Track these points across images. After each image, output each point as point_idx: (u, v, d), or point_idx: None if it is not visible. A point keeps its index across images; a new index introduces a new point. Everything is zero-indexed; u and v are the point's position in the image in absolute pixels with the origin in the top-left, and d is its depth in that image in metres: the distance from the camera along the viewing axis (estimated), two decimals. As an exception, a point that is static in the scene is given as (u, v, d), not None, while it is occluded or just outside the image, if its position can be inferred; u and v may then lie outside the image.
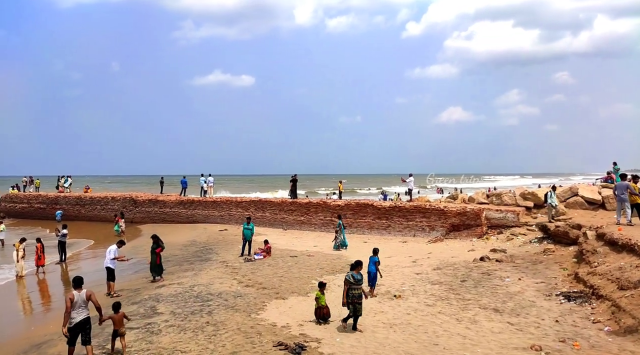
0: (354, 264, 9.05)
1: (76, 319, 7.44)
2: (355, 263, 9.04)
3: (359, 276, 8.84)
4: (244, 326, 8.79)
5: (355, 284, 8.69)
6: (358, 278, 8.79)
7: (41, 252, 16.34)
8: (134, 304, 10.84)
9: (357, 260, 9.18)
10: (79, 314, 7.47)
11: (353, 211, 22.53)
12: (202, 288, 11.93)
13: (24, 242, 16.06)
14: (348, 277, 8.79)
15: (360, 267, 8.99)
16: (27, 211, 35.87)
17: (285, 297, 10.96)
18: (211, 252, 18.11)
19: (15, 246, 16.03)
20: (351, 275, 8.77)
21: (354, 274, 8.80)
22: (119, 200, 32.12)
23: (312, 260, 15.57)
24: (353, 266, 8.99)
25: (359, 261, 9.13)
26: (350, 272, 8.88)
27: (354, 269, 8.91)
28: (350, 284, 8.67)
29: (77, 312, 7.45)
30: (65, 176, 38.81)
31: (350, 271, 8.91)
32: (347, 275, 8.89)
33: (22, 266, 15.76)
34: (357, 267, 8.96)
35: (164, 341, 8.08)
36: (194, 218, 28.30)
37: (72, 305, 7.34)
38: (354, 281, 8.70)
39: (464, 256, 15.83)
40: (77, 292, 7.51)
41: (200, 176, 30.99)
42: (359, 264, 9.05)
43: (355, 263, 9.05)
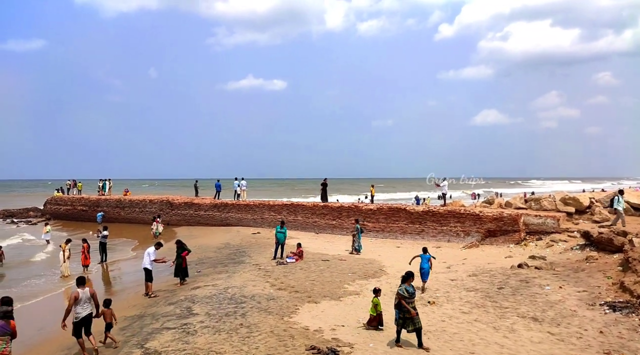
0: (405, 276, 8.37)
1: (82, 314, 8.27)
2: (407, 275, 8.38)
3: (412, 289, 8.21)
4: (277, 329, 8.85)
5: (409, 297, 8.07)
6: (412, 291, 8.17)
7: (87, 252, 17.05)
8: (170, 305, 11.10)
9: (409, 272, 8.50)
10: (84, 310, 8.31)
11: (385, 215, 22.34)
12: (236, 290, 12.10)
13: (69, 243, 16.78)
14: (401, 291, 8.12)
15: (412, 279, 8.36)
16: (70, 213, 37.49)
17: (318, 301, 10.97)
18: (244, 255, 18.36)
19: (61, 247, 16.77)
20: (404, 289, 8.13)
21: (407, 287, 8.16)
22: (156, 203, 33.07)
23: (344, 265, 15.52)
24: (404, 278, 8.32)
25: (410, 273, 8.47)
26: (402, 285, 8.22)
27: (405, 281, 8.26)
28: (404, 298, 8.05)
29: (82, 308, 8.28)
30: (103, 180, 40.37)
31: (402, 284, 8.26)
32: (399, 288, 8.22)
33: (66, 266, 16.46)
34: (409, 279, 8.30)
35: (199, 342, 8.24)
36: (228, 221, 28.78)
37: (77, 301, 8.19)
38: (407, 295, 8.08)
39: (500, 263, 15.39)
40: (82, 290, 8.33)
41: (234, 180, 31.52)
42: (411, 275, 8.39)
43: (406, 275, 8.39)
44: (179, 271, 14.06)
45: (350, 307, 10.49)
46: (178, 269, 14.06)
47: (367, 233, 22.53)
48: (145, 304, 11.74)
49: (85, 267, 16.93)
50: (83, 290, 8.38)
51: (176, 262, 14.02)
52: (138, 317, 10.39)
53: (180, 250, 14.16)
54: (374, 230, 22.50)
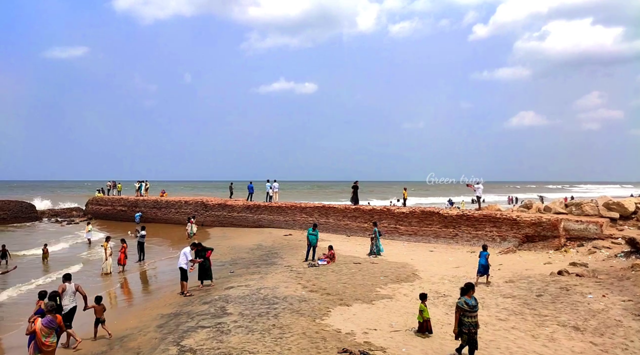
0: (465, 287, 7.74)
1: (69, 306, 9.06)
2: (467, 287, 7.75)
3: (473, 301, 7.60)
4: (309, 331, 8.87)
5: (470, 310, 7.49)
6: (473, 304, 7.57)
7: (126, 252, 17.67)
8: (205, 304, 11.32)
9: (469, 283, 7.88)
10: (70, 303, 9.11)
11: (418, 219, 22.02)
12: (269, 291, 12.21)
13: (110, 241, 17.43)
14: (460, 303, 7.56)
15: (473, 291, 7.74)
16: (110, 213, 38.91)
17: (349, 304, 10.92)
18: (276, 256, 18.51)
19: (103, 246, 17.44)
20: (464, 302, 7.55)
21: (467, 300, 7.57)
22: (191, 204, 33.87)
23: (375, 268, 15.40)
24: (464, 290, 7.71)
25: (470, 284, 7.83)
26: (462, 298, 7.64)
27: (465, 293, 7.65)
28: (464, 311, 7.49)
29: (69, 301, 9.08)
30: (140, 181, 41.69)
31: (462, 296, 7.67)
32: (458, 301, 7.65)
33: (109, 264, 17.08)
34: (470, 291, 7.68)
35: (233, 341, 8.36)
36: (260, 222, 29.13)
37: (63, 294, 8.98)
38: (468, 308, 7.50)
39: (539, 269, 14.88)
40: (68, 284, 9.21)
41: (266, 182, 31.88)
42: (471, 287, 7.77)
43: (466, 286, 7.76)
44: (202, 274, 13.99)
45: (382, 310, 10.39)
46: (202, 271, 13.96)
47: (399, 236, 22.30)
48: (180, 303, 12.02)
49: (122, 266, 17.50)
50: (69, 284, 9.29)
51: (205, 264, 13.93)
52: (174, 315, 10.65)
53: (203, 252, 14.07)
54: (406, 233, 22.23)
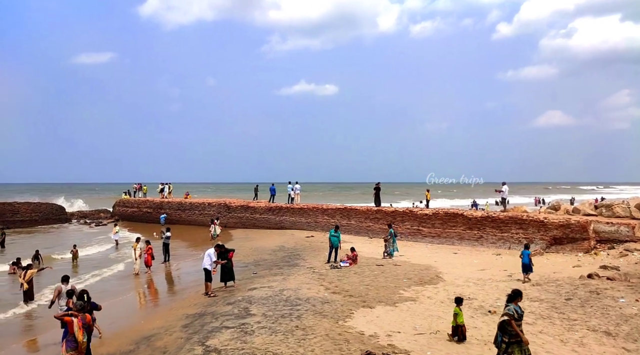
0: (513, 294, 7.15)
1: (65, 307, 9.45)
2: (514, 293, 7.14)
3: (520, 310, 7.03)
4: (332, 333, 8.85)
5: (518, 319, 6.92)
6: (521, 312, 7.01)
7: (151, 253, 18.03)
8: (229, 305, 11.44)
9: (516, 290, 7.22)
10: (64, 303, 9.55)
11: (442, 221, 21.76)
12: (291, 292, 12.26)
13: (139, 242, 17.81)
14: (510, 311, 6.91)
15: (520, 298, 7.16)
16: (136, 215, 39.81)
17: (372, 306, 10.87)
18: (298, 258, 18.58)
19: (133, 246, 17.85)
20: (514, 309, 6.94)
21: (515, 307, 6.97)
22: (214, 206, 34.34)
23: (398, 270, 15.28)
24: (512, 297, 7.12)
25: (517, 291, 7.20)
26: (510, 305, 7.02)
27: (513, 301, 7.06)
28: (514, 320, 6.88)
29: (64, 302, 9.53)
30: (164, 183, 42.54)
31: (509, 303, 7.07)
32: (508, 309, 6.98)
33: (139, 264, 17.47)
34: (517, 298, 7.11)
35: (257, 342, 8.43)
36: (282, 224, 29.30)
37: (60, 295, 9.64)
38: (517, 316, 6.92)
39: (567, 272, 14.49)
40: (64, 286, 9.80)
41: (288, 184, 32.05)
42: (519, 294, 7.17)
43: (514, 293, 7.15)
44: (225, 275, 14.05)
45: (406, 313, 10.30)
46: (225, 273, 14.03)
47: (422, 238, 22.08)
48: (205, 303, 12.19)
49: (148, 267, 17.86)
50: (66, 286, 9.86)
51: (228, 265, 14.01)
52: (199, 316, 10.81)
53: (225, 254, 14.10)
54: (430, 235, 21.99)
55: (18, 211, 37.16)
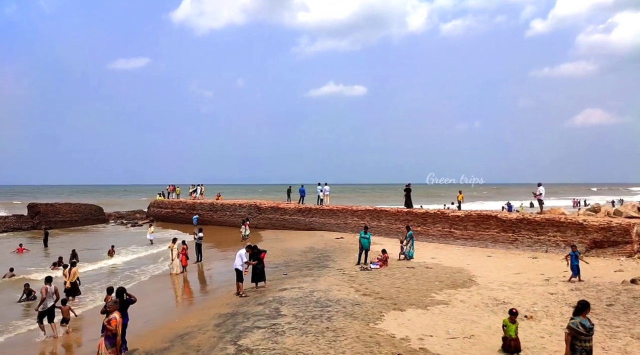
0: (580, 306, 6.57)
1: (48, 305, 10.60)
2: (582, 305, 6.55)
3: (589, 323, 6.45)
4: (362, 335, 8.80)
5: (585, 334, 6.37)
6: (589, 326, 6.43)
7: (186, 254, 18.44)
8: (260, 305, 11.56)
9: (583, 302, 6.62)
10: (50, 302, 10.63)
11: (474, 223, 21.28)
12: (321, 294, 12.26)
13: (176, 242, 18.25)
14: (575, 325, 6.40)
15: (588, 310, 6.57)
16: (170, 216, 40.82)
17: (403, 309, 10.74)
18: (328, 259, 18.58)
19: (170, 247, 18.30)
20: (579, 323, 6.40)
21: (582, 321, 6.42)
22: (245, 207, 34.79)
23: (430, 273, 15.04)
24: (579, 310, 6.55)
25: (585, 303, 6.59)
26: (576, 318, 6.48)
27: (580, 313, 6.51)
28: (578, 334, 6.37)
29: (49, 300, 10.60)
30: (195, 185, 43.46)
31: (576, 316, 6.52)
32: (572, 322, 6.48)
33: (177, 264, 17.88)
34: (585, 310, 6.52)
35: (288, 342, 8.47)
36: (312, 225, 29.37)
37: (47, 294, 10.58)
38: (584, 331, 6.36)
39: (609, 277, 13.88)
40: (49, 286, 10.77)
41: (317, 185, 32.10)
42: (587, 306, 6.56)
43: (581, 305, 6.57)
44: (256, 275, 14.11)
45: (438, 317, 10.11)
46: (254, 274, 14.08)
47: (454, 241, 21.66)
48: (236, 303, 12.36)
49: (184, 267, 18.25)
50: (50, 286, 10.80)
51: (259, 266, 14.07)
52: (231, 315, 10.96)
53: (257, 253, 14.20)
54: (462, 238, 21.54)
55: (59, 212, 38.78)
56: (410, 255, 17.95)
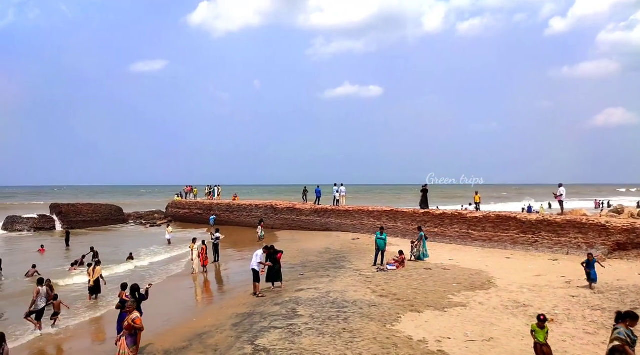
0: (624, 314, 6.04)
1: (40, 305, 11.11)
2: (626, 314, 6.02)
3: (633, 335, 5.86)
4: (379, 336, 8.76)
5: (632, 344, 5.80)
6: (634, 338, 5.84)
7: (206, 254, 18.62)
8: (276, 305, 11.60)
9: (631, 313, 6.07)
10: (42, 303, 11.14)
11: (493, 224, 20.98)
12: (338, 295, 12.25)
13: (196, 243, 18.44)
14: (622, 335, 5.80)
15: (635, 322, 5.96)
16: (187, 216, 41.30)
17: (421, 311, 10.65)
18: (344, 260, 18.55)
19: (190, 247, 18.51)
20: (625, 333, 5.81)
21: (627, 331, 5.85)
22: (261, 207, 34.98)
23: (447, 274, 14.89)
24: (622, 316, 6.01)
25: (632, 314, 6.02)
26: (620, 328, 5.90)
27: (622, 320, 5.97)
28: (624, 345, 5.79)
29: (41, 301, 11.12)
30: (212, 186, 43.86)
31: (618, 325, 5.97)
32: (618, 332, 5.87)
33: (197, 264, 18.07)
34: (629, 319, 5.93)
35: (304, 343, 8.49)
36: (328, 226, 29.37)
37: (38, 296, 11.05)
38: (630, 341, 5.80)
39: (633, 280, 13.53)
40: (41, 288, 11.26)
41: (333, 186, 32.08)
42: (633, 317, 5.96)
43: (625, 313, 6.03)
44: (272, 276, 14.09)
45: (456, 319, 10.01)
46: (270, 274, 14.07)
47: (472, 242, 21.41)
48: (253, 303, 12.43)
49: (204, 267, 18.41)
50: (42, 288, 11.29)
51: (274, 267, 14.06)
52: (248, 315, 11.03)
53: (274, 254, 14.19)
54: (480, 239, 21.27)
55: (81, 212, 39.60)
56: (425, 256, 17.80)
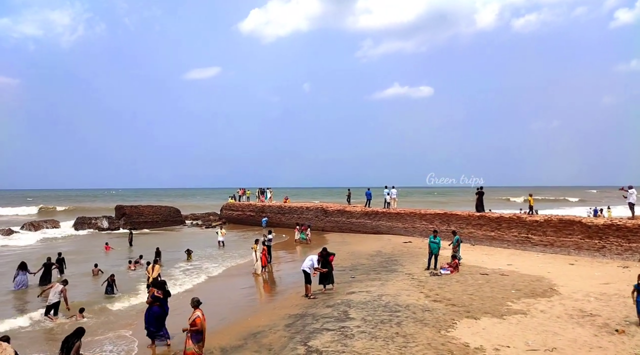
0: None
1: (52, 301, 12.31)
2: None
3: None
4: (434, 342, 8.55)
5: None
6: None
7: (267, 255, 19.03)
8: (328, 307, 11.64)
9: None
10: (54, 298, 12.31)
11: (555, 228, 19.87)
12: (390, 298, 12.10)
13: (258, 243, 18.92)
14: None
15: None
16: (240, 218, 42.42)
17: (477, 317, 10.28)
18: (396, 264, 18.28)
19: (252, 248, 19.03)
20: None
21: None
22: (312, 210, 35.27)
23: (506, 280, 14.27)
24: None
25: None
26: None
27: None
28: None
29: (53, 297, 12.29)
30: (263, 188, 44.78)
31: None
32: None
33: (259, 265, 18.53)
34: None
35: (357, 346, 8.44)
36: (379, 229, 29.09)
37: (51, 290, 12.47)
38: None
39: None
40: (58, 284, 12.70)
41: (384, 188, 31.76)
42: None
43: None
44: (324, 278, 14.14)
45: (516, 327, 9.56)
46: (322, 276, 14.11)
47: (532, 247, 20.40)
48: (305, 305, 12.54)
49: (264, 268, 18.80)
50: (59, 285, 12.69)
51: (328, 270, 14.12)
52: (300, 316, 11.14)
53: (326, 256, 14.26)
54: (541, 244, 20.22)
55: (142, 213, 41.82)
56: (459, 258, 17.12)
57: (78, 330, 8.56)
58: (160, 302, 10.34)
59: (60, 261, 18.90)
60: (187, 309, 9.22)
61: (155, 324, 10.16)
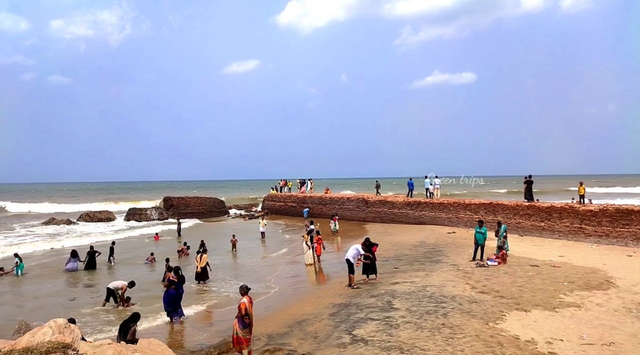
0: None
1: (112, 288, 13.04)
2: None
3: None
4: (482, 334, 8.38)
5: None
6: None
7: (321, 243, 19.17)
8: (372, 297, 11.64)
9: None
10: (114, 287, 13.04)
11: (611, 218, 18.84)
12: (435, 289, 11.95)
13: (310, 234, 19.12)
14: None
15: None
16: (282, 209, 43.00)
17: (528, 310, 9.96)
18: (441, 254, 17.98)
19: (304, 238, 19.28)
20: None
21: None
22: (353, 200, 35.20)
23: (557, 272, 13.71)
24: None
25: None
26: None
27: None
28: None
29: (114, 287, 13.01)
30: (303, 179, 45.10)
31: None
32: None
33: (310, 255, 18.73)
34: None
35: (403, 335, 8.42)
36: (421, 219, 28.66)
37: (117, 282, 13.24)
38: None
39: None
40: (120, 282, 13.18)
41: (425, 178, 31.16)
42: None
43: None
44: (367, 268, 14.13)
45: (569, 320, 9.20)
46: (365, 267, 14.10)
47: (586, 238, 19.46)
48: (349, 294, 12.60)
49: (318, 256, 18.92)
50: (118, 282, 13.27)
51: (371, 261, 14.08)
52: (344, 306, 11.22)
53: (370, 246, 14.27)
54: (595, 234, 19.24)
55: (189, 204, 43.33)
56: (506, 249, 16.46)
57: (134, 315, 9.00)
58: (176, 285, 11.58)
59: (111, 249, 20.04)
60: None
61: (172, 305, 11.33)
